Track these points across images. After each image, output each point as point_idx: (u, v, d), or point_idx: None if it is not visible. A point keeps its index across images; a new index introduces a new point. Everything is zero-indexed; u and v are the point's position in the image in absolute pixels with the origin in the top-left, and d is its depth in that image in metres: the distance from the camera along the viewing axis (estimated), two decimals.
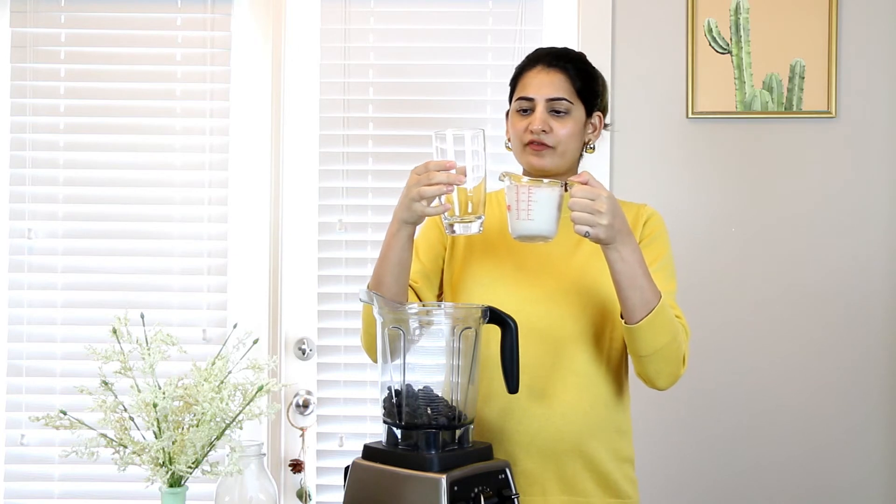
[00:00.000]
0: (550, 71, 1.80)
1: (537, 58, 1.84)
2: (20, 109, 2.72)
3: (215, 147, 2.71)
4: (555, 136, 1.78)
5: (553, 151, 1.78)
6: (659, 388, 1.74)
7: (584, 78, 1.82)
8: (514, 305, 1.65)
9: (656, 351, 1.67)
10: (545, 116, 1.78)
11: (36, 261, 2.71)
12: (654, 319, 1.64)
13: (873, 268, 2.58)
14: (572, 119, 1.79)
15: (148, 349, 1.46)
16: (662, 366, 1.69)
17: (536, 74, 1.81)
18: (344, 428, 2.67)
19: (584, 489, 1.76)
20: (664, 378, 1.72)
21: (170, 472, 1.43)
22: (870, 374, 2.58)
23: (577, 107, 1.80)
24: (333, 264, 2.69)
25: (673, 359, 1.69)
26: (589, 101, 1.83)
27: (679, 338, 1.70)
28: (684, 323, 1.76)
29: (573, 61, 1.83)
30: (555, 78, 1.79)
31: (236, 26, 2.71)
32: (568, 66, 1.81)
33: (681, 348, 1.71)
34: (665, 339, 1.66)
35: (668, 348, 1.67)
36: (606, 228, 1.58)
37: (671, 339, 1.67)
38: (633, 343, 1.68)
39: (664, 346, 1.67)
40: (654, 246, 1.81)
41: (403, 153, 2.69)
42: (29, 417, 1.49)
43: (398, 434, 1.57)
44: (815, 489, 2.58)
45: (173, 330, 1.52)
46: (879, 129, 2.59)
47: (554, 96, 1.78)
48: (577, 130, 1.81)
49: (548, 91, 1.79)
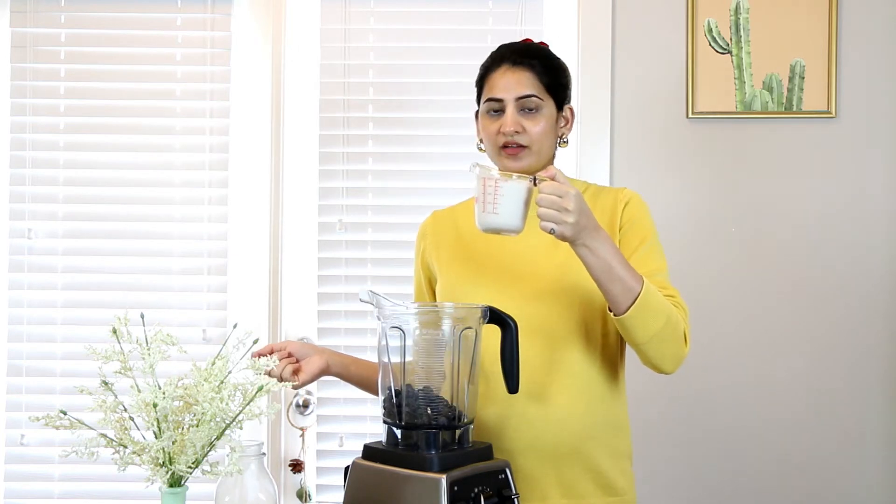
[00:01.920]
0: (516, 69, 1.77)
1: (501, 56, 1.80)
2: (20, 109, 2.72)
3: (215, 147, 2.71)
4: (528, 135, 1.76)
5: (529, 151, 1.76)
6: (666, 372, 1.71)
7: (552, 72, 1.79)
8: (501, 308, 1.64)
9: (653, 336, 1.63)
10: (516, 117, 1.76)
11: (36, 261, 2.71)
12: (641, 306, 1.61)
13: (873, 268, 2.58)
14: (543, 116, 1.77)
15: (148, 349, 1.46)
16: (664, 349, 1.66)
17: (503, 74, 1.77)
18: (344, 428, 2.67)
19: (583, 491, 1.75)
20: (668, 361, 1.69)
21: (170, 472, 1.42)
22: (870, 374, 2.58)
23: (547, 102, 1.78)
24: (333, 264, 2.69)
25: (672, 340, 1.66)
26: (558, 94, 1.80)
27: (674, 318, 1.66)
28: (679, 301, 1.72)
29: (539, 56, 1.79)
30: (522, 76, 1.76)
31: (236, 26, 2.71)
32: (534, 62, 1.77)
33: (678, 328, 1.67)
34: (659, 323, 1.63)
35: (665, 331, 1.64)
36: (572, 226, 1.56)
37: (665, 321, 1.64)
38: (628, 333, 1.65)
39: (660, 330, 1.63)
40: (637, 228, 1.78)
41: (403, 153, 2.69)
42: (29, 417, 1.49)
43: (398, 434, 1.57)
44: (815, 489, 2.57)
45: (173, 330, 1.52)
46: (879, 129, 2.59)
47: (523, 94, 1.75)
48: (550, 127, 1.79)
49: (516, 90, 1.76)
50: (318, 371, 1.78)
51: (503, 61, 1.79)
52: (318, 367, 1.78)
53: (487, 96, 1.79)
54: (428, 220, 1.97)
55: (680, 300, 1.73)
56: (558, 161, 1.84)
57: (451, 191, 2.38)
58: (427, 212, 1.98)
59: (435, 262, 1.90)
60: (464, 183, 1.86)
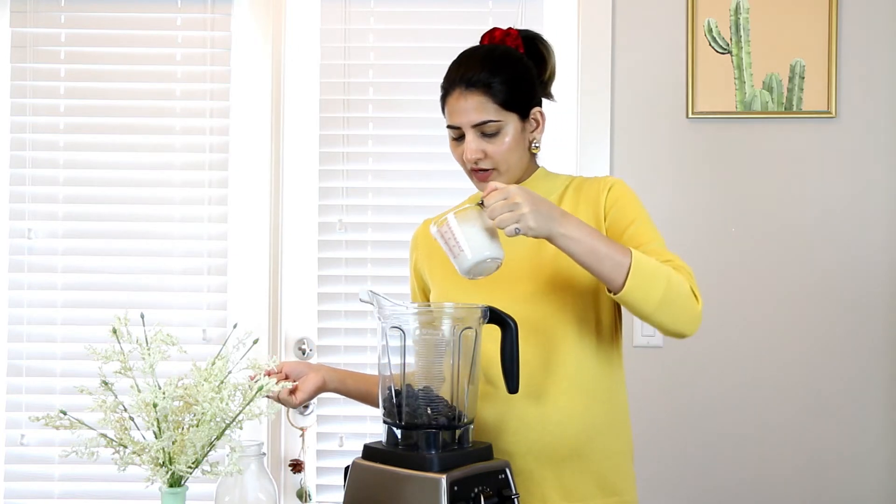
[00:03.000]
0: (469, 94, 1.69)
1: (452, 82, 1.72)
2: (20, 109, 2.72)
3: (215, 147, 2.71)
4: (492, 159, 1.72)
5: (497, 172, 1.73)
6: (687, 334, 1.65)
7: (509, 85, 1.70)
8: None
9: (659, 302, 1.58)
10: (477, 143, 1.71)
11: (36, 261, 2.71)
12: (636, 276, 1.56)
13: (873, 268, 2.58)
14: (506, 134, 1.71)
15: (148, 349, 1.46)
16: (676, 312, 1.61)
17: (457, 100, 1.70)
18: (344, 428, 2.67)
19: (583, 493, 1.74)
20: (684, 323, 1.63)
21: (170, 472, 1.42)
22: (871, 375, 2.58)
23: (507, 120, 1.71)
24: (333, 264, 2.69)
25: (681, 301, 1.61)
26: (520, 105, 1.72)
27: (675, 279, 1.61)
28: (680, 263, 1.67)
29: (492, 72, 1.70)
30: (475, 101, 1.69)
31: (236, 26, 2.71)
32: (491, 81, 1.69)
33: (682, 287, 1.62)
34: (660, 287, 1.58)
35: (669, 294, 1.59)
36: (533, 215, 1.52)
37: (666, 283, 1.59)
38: (634, 307, 1.59)
39: (664, 294, 1.58)
40: (623, 210, 1.74)
41: (403, 153, 2.69)
42: (29, 417, 1.49)
43: (398, 434, 1.57)
44: (815, 490, 2.57)
45: (173, 330, 1.52)
46: (879, 129, 2.59)
47: (479, 121, 1.69)
48: (515, 142, 1.73)
49: (472, 117, 1.69)
50: (314, 389, 1.78)
51: (456, 85, 1.71)
52: (314, 384, 1.77)
53: (447, 122, 1.75)
54: (419, 230, 1.96)
55: (680, 262, 1.67)
56: (558, 161, 1.83)
57: (451, 191, 2.38)
58: (427, 211, 1.98)
59: (427, 271, 1.89)
60: (464, 183, 1.86)
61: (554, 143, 2.62)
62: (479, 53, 1.75)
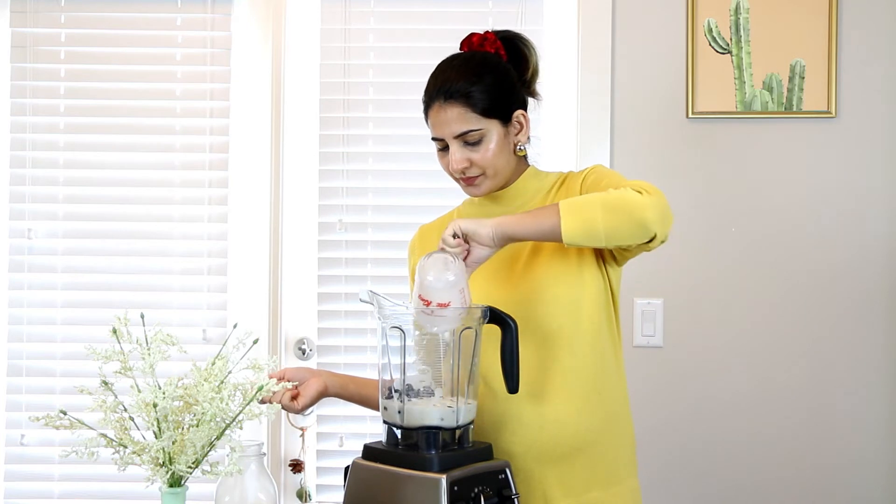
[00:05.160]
0: (448, 106, 1.70)
1: (431, 95, 1.73)
2: (20, 109, 2.72)
3: (215, 147, 2.71)
4: (477, 165, 1.73)
5: (484, 177, 1.75)
6: (657, 233, 1.61)
7: (488, 93, 1.70)
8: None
9: (603, 221, 1.58)
10: (461, 153, 1.72)
11: (36, 261, 2.71)
12: (567, 213, 1.58)
13: (873, 268, 2.58)
14: (489, 141, 1.72)
15: (148, 349, 1.46)
16: (623, 218, 1.58)
17: (437, 113, 1.71)
18: (344, 428, 2.67)
19: (584, 486, 1.75)
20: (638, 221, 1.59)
21: (170, 472, 1.43)
22: (871, 376, 2.58)
23: (489, 127, 1.71)
24: (333, 264, 2.69)
25: (625, 205, 1.58)
26: (501, 111, 1.72)
27: (611, 195, 1.59)
28: (631, 184, 1.64)
29: (471, 81, 1.70)
30: (455, 112, 1.70)
31: (236, 26, 2.71)
32: (470, 90, 1.69)
33: (623, 194, 1.59)
34: (595, 208, 1.58)
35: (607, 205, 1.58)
36: (486, 237, 1.60)
37: (601, 202, 1.58)
38: (588, 238, 1.59)
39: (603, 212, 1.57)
40: (597, 180, 1.73)
41: (403, 153, 2.69)
42: (29, 417, 1.49)
43: (398, 434, 1.57)
44: (816, 491, 2.57)
45: (173, 330, 1.52)
46: (879, 129, 2.59)
47: (461, 132, 1.70)
48: (499, 147, 1.74)
49: (454, 128, 1.70)
50: (316, 394, 1.78)
51: (436, 98, 1.72)
52: (316, 390, 1.78)
53: (431, 134, 1.76)
54: (415, 237, 1.98)
55: (633, 182, 1.65)
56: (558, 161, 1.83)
57: (451, 191, 2.37)
58: (427, 211, 1.98)
59: None
60: None
61: (554, 144, 2.62)
62: (456, 63, 1.75)
